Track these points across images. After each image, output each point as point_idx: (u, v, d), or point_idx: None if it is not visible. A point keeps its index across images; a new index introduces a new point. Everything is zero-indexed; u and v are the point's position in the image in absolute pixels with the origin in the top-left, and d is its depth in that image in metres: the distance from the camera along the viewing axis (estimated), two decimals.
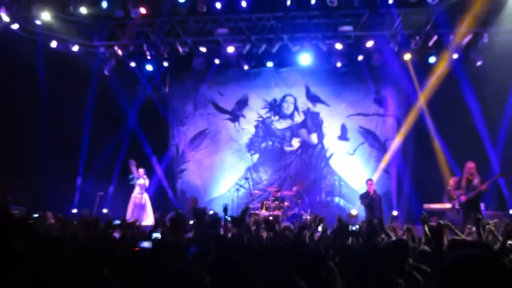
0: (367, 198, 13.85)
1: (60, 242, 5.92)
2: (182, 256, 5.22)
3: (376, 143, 16.94)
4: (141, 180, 15.32)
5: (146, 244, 5.92)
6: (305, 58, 16.19)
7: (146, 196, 15.35)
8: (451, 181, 13.30)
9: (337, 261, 4.96)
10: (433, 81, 15.62)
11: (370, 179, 14.82)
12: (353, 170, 16.96)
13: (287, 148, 17.44)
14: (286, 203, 14.92)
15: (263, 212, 14.09)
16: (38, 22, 14.83)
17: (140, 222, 12.33)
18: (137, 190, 15.18)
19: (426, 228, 6.25)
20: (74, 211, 15.60)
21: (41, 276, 4.21)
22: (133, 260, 4.82)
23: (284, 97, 17.50)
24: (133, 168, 15.26)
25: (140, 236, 8.05)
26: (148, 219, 14.38)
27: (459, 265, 1.99)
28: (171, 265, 4.54)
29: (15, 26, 14.56)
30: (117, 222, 8.62)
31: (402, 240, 5.21)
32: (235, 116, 17.66)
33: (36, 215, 10.42)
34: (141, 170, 15.44)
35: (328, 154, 17.20)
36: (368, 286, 3.77)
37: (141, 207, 15.09)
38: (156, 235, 7.45)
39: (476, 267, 1.99)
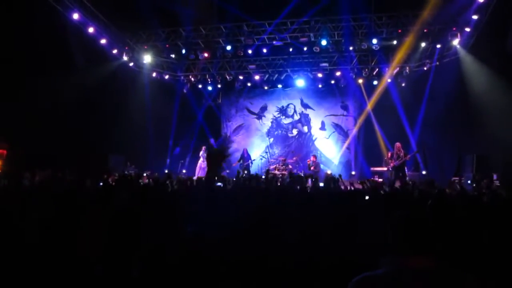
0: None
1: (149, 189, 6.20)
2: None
3: (342, 132, 16.95)
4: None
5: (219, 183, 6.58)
6: (300, 82, 16.33)
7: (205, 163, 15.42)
8: (387, 154, 13.68)
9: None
10: (375, 95, 15.51)
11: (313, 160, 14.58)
12: (328, 148, 17.09)
13: (290, 135, 17.43)
14: (289, 167, 15.14)
15: (276, 172, 13.75)
16: (144, 61, 15.18)
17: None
18: (200, 160, 15.53)
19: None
20: (166, 171, 16.13)
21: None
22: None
23: (288, 105, 17.64)
24: (203, 148, 15.67)
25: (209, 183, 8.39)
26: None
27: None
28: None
29: (131, 64, 14.91)
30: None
31: (358, 189, 5.38)
32: (259, 116, 17.72)
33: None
34: (204, 147, 15.20)
35: (314, 138, 17.36)
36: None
37: (203, 169, 15.43)
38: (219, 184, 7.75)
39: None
